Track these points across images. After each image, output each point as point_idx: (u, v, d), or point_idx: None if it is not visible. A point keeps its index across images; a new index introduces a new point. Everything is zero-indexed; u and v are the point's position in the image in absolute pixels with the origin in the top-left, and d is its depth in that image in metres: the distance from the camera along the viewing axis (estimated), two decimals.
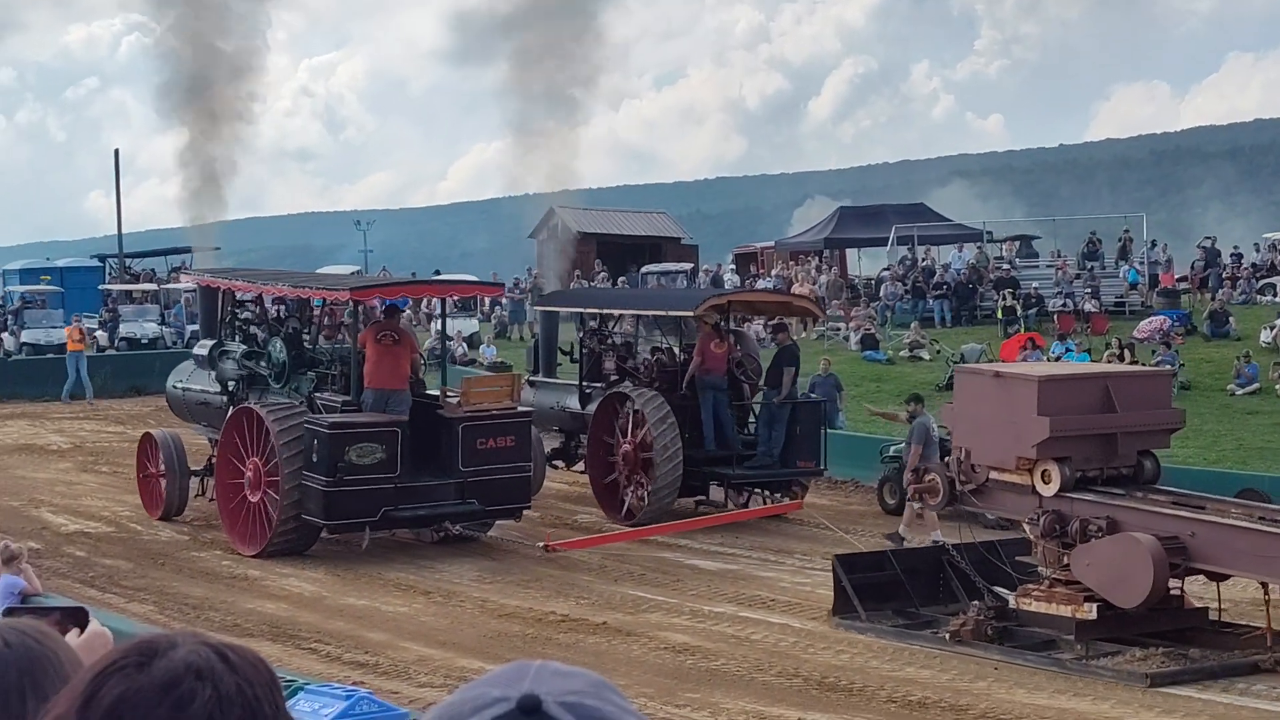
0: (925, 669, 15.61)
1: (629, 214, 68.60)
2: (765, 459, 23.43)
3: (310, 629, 17.32)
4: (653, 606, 18.33)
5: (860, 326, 42.83)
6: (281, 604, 18.61)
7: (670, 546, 21.77)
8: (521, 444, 21.23)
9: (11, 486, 26.67)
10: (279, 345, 22.51)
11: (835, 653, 16.25)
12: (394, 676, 15.40)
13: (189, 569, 20.54)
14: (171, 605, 18.52)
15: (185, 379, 25.13)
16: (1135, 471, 16.78)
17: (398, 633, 17.18)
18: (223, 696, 1.92)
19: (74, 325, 40.50)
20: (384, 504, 20.17)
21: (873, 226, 55.02)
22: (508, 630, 17.22)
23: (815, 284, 49.67)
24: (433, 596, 18.82)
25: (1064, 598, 16.10)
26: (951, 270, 48.88)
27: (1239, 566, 15.40)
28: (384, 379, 21.08)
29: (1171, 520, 15.66)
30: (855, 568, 17.80)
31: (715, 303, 24.56)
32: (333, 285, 23.05)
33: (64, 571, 20.21)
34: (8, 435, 33.42)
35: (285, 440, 20.18)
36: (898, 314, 46.49)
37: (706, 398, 23.43)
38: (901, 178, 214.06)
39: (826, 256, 54.85)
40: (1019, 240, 54.25)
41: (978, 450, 16.98)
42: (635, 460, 23.03)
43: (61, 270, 56.14)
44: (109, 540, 22.40)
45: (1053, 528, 16.19)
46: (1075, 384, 17.09)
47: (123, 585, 19.61)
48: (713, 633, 17.12)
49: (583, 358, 25.55)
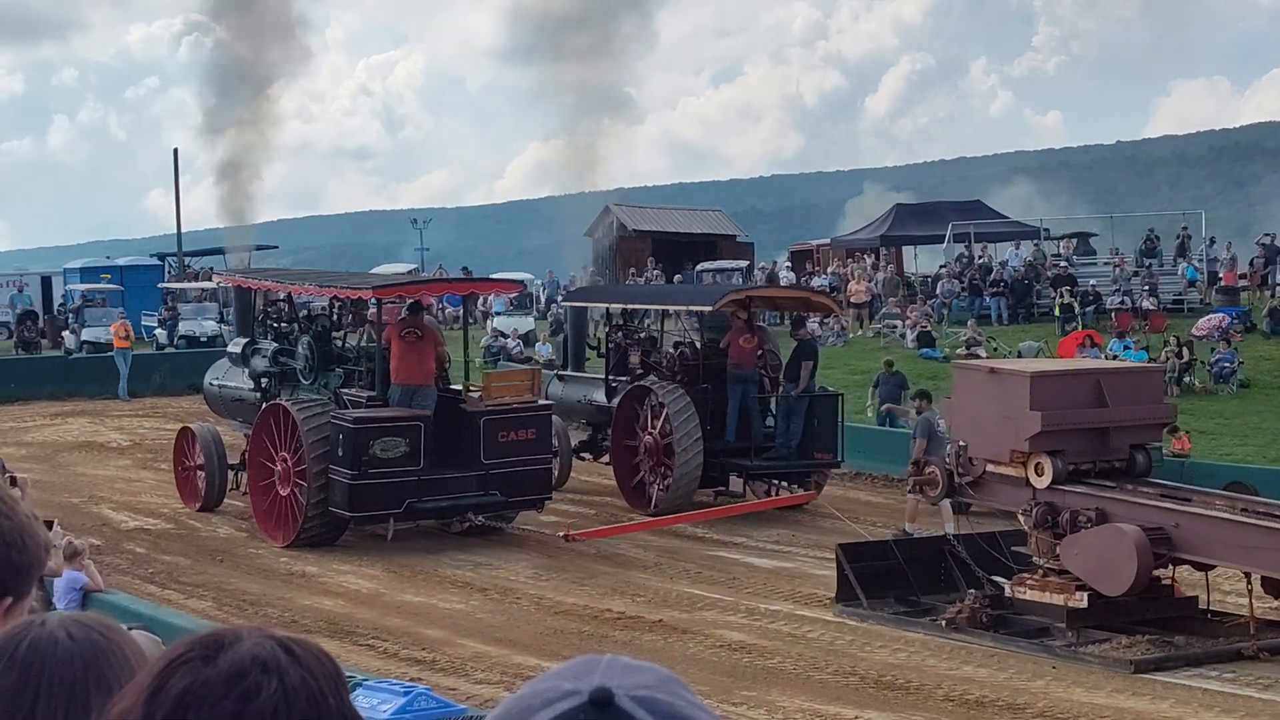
0: (983, 667, 15.61)
1: (684, 211, 68.64)
2: (783, 450, 24.09)
3: (368, 625, 17.44)
4: (709, 604, 18.36)
5: (916, 324, 42.73)
6: (339, 600, 18.75)
7: (726, 544, 21.84)
8: (542, 437, 21.98)
9: (72, 483, 26.97)
10: (308, 343, 23.36)
11: (892, 651, 16.25)
12: (451, 673, 15.49)
13: (246, 565, 20.72)
14: (229, 601, 18.70)
15: (221, 376, 26.13)
16: (1128, 464, 17.33)
17: (455, 629, 17.27)
18: (288, 689, 1.93)
19: (119, 323, 40.81)
20: (407, 496, 20.91)
21: (929, 224, 54.87)
22: (564, 627, 17.29)
23: (871, 281, 49.46)
24: (489, 593, 18.91)
25: (1057, 586, 16.70)
26: (1008, 267, 48.78)
27: (1219, 556, 16.01)
28: (409, 375, 21.78)
29: (1157, 512, 16.23)
30: (859, 556, 18.41)
31: (734, 298, 25.16)
32: (356, 285, 23.84)
33: (124, 568, 20.41)
34: (68, 433, 33.80)
35: (312, 435, 20.99)
36: (954, 311, 46.37)
37: (735, 391, 24.16)
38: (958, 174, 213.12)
39: (883, 254, 54.57)
40: (1076, 237, 54.05)
41: (974, 444, 17.59)
42: (658, 452, 23.68)
43: (121, 269, 56.71)
44: (168, 537, 22.62)
45: (1045, 519, 16.80)
46: (1067, 379, 17.73)
47: (181, 581, 19.81)
48: (769, 630, 17.15)
49: (608, 352, 26.43)
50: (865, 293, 48.75)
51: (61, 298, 55.57)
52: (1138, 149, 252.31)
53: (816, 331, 29.51)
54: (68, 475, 28.11)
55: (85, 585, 13.85)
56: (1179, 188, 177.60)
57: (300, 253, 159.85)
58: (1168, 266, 48.74)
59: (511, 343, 45.46)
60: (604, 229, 62.41)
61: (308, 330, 23.80)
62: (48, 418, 36.69)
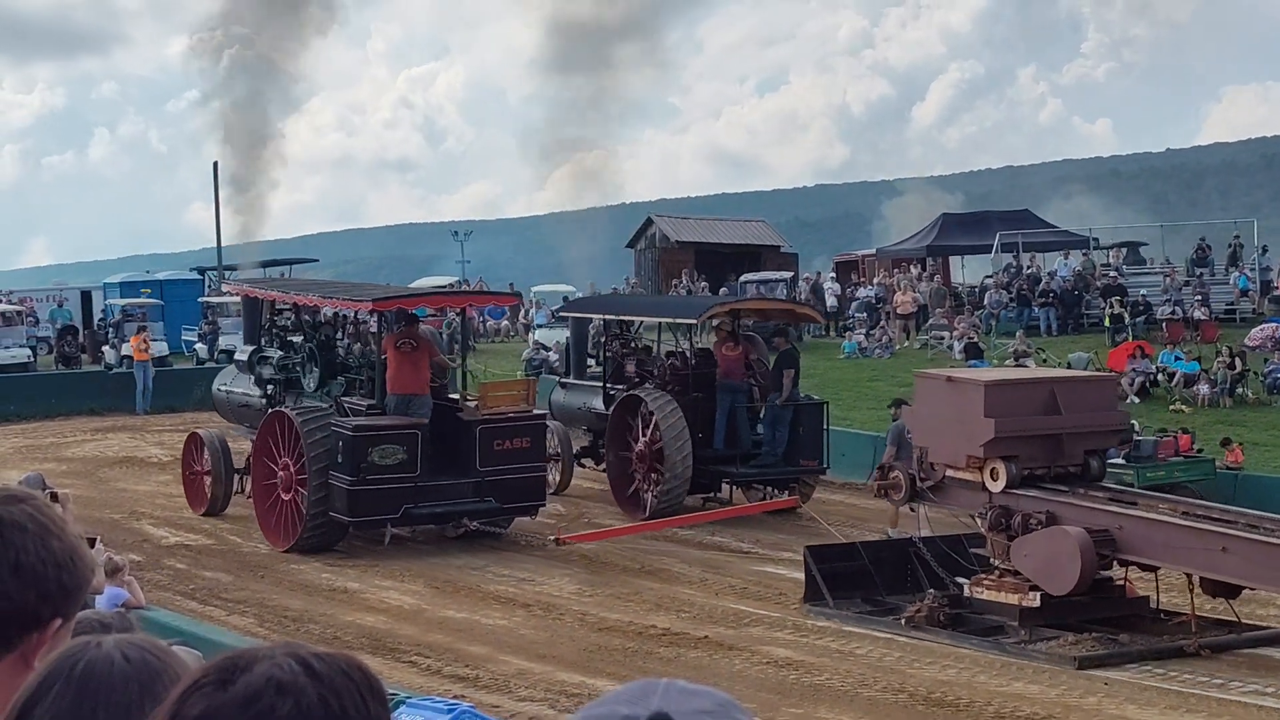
0: (1034, 684, 15.63)
1: (728, 222, 68.72)
2: (769, 458, 25.31)
3: (410, 642, 17.53)
4: (755, 620, 18.40)
5: (964, 335, 42.54)
6: (381, 616, 18.85)
7: (772, 560, 22.00)
8: (536, 445, 23.23)
9: (113, 499, 27.20)
10: (311, 351, 24.74)
11: (941, 667, 16.25)
12: (495, 690, 15.56)
13: (289, 581, 20.85)
14: (271, 618, 18.81)
15: (229, 382, 27.61)
16: (1082, 470, 18.45)
17: (498, 646, 17.35)
18: (303, 709, 1.95)
19: (140, 335, 41.29)
20: (405, 502, 22.08)
21: (977, 233, 54.77)
22: (608, 644, 17.32)
23: (917, 292, 49.32)
24: (532, 609, 18.98)
25: (1012, 586, 17.81)
26: (1057, 277, 48.54)
27: (1159, 557, 17.09)
28: (405, 384, 22.92)
29: (1103, 514, 17.34)
30: (826, 558, 19.49)
31: (716, 311, 26.83)
32: (358, 296, 25.07)
33: (165, 584, 20.57)
34: (109, 448, 34.06)
35: (313, 442, 22.21)
36: (1002, 322, 46.23)
37: (724, 400, 25.36)
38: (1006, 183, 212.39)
39: (929, 264, 54.41)
40: (1126, 247, 53.79)
41: (934, 449, 18.76)
42: (649, 459, 24.92)
43: (161, 283, 56.94)
44: (209, 553, 22.79)
45: (999, 521, 17.89)
46: (1021, 388, 18.92)
47: (223, 598, 19.95)
48: (816, 647, 17.18)
49: (606, 361, 27.92)
50: (912, 304, 48.61)
51: (101, 312, 55.85)
52: (1188, 157, 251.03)
53: (800, 340, 29.92)
54: (108, 491, 28.38)
55: (126, 602, 13.91)
56: (1231, 196, 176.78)
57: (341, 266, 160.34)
58: (1219, 276, 48.48)
59: (554, 355, 45.47)
60: (646, 240, 62.47)
61: (312, 339, 25.04)
62: (88, 433, 37.08)
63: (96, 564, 13.58)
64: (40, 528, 2.66)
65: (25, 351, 47.58)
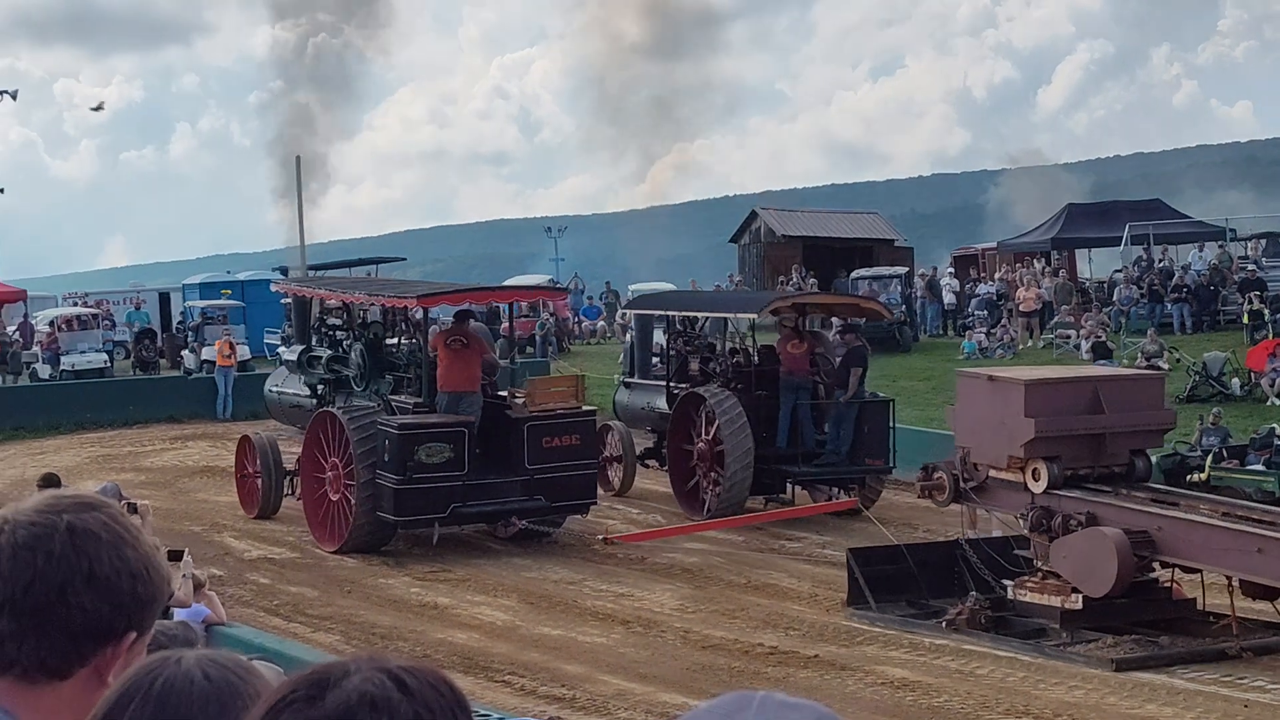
0: (1167, 705, 15.52)
1: (838, 215, 68.45)
2: (832, 457, 25.94)
3: (504, 660, 17.60)
4: (868, 638, 18.36)
5: (1092, 334, 42.13)
6: (473, 634, 18.94)
7: None
8: (586, 442, 23.97)
9: (193, 511, 27.51)
10: (360, 350, 25.60)
11: (1068, 689, 16.14)
12: (593, 711, 15.59)
13: (376, 597, 21.01)
14: (358, 635, 18.97)
15: (280, 383, 29.10)
16: (1127, 470, 19.00)
17: (596, 664, 17.37)
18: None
19: (223, 340, 41.66)
20: (452, 501, 22.90)
21: (1104, 225, 54.16)
22: (712, 663, 17.31)
23: (1041, 288, 48.94)
24: (632, 626, 19.00)
25: (1055, 589, 18.38)
26: (1191, 271, 48.03)
27: (1197, 558, 17.62)
28: (455, 382, 23.77)
29: (1142, 516, 17.89)
30: (870, 561, 20.11)
31: (778, 305, 27.57)
32: (403, 293, 25.86)
33: (247, 599, 20.75)
34: (189, 457, 34.34)
35: (359, 440, 23.12)
36: (1133, 320, 45.71)
37: (788, 398, 26.05)
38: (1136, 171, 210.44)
39: (1054, 258, 53.95)
40: (1266, 238, 53.05)
41: (976, 450, 19.38)
42: (710, 458, 25.60)
43: (242, 284, 57.29)
44: (293, 567, 22.97)
45: (1040, 522, 18.49)
46: (1063, 387, 19.39)
47: (308, 614, 20.11)
48: (934, 666, 17.09)
49: (669, 359, 28.68)
50: (1035, 300, 48.20)
51: (180, 315, 56.32)
52: None
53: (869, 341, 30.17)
54: (188, 502, 28.68)
55: (207, 618, 14.04)
56: None
57: (430, 265, 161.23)
58: None
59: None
60: (751, 235, 62.35)
61: (361, 338, 26.04)
62: (167, 441, 37.41)
63: (183, 576, 13.75)
64: (115, 537, 2.67)
65: (102, 356, 48.11)
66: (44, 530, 2.64)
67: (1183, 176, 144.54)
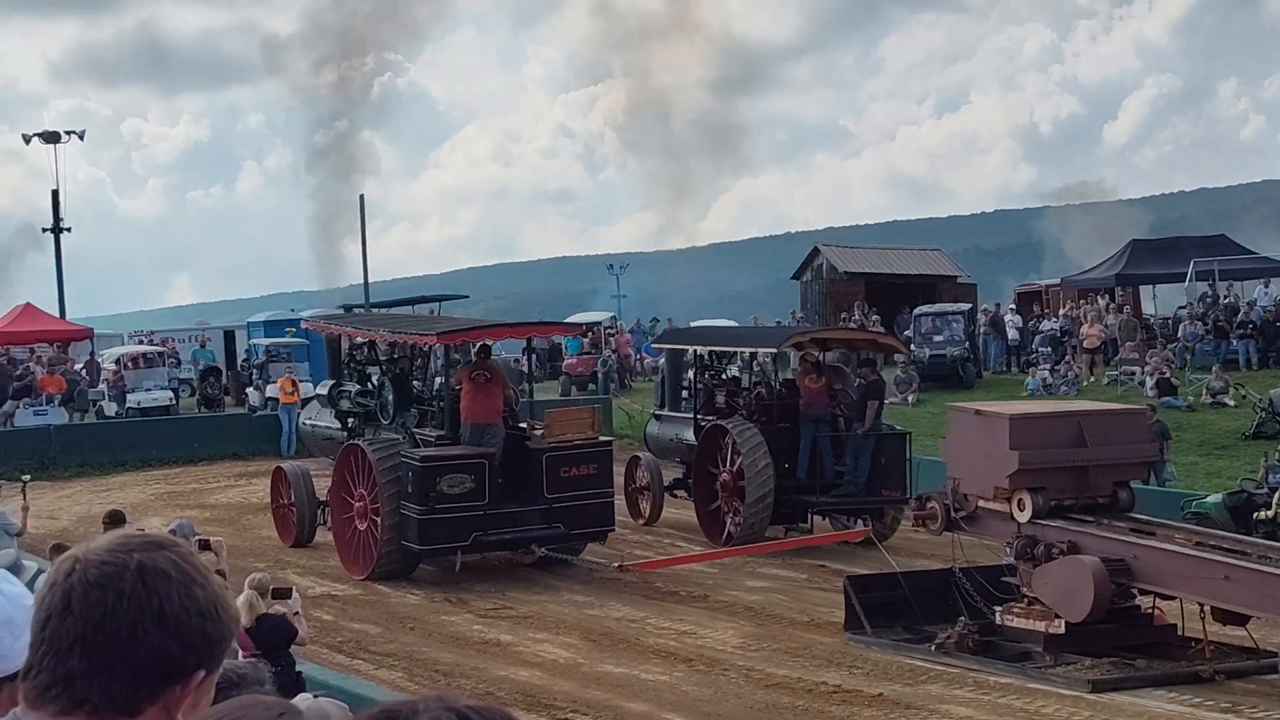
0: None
1: (900, 251, 68.48)
2: (850, 488, 27.00)
3: (566, 698, 17.67)
4: (933, 676, 18.39)
5: (1156, 371, 42.10)
6: (535, 671, 19.02)
7: None
8: (603, 471, 25.00)
9: (258, 547, 27.83)
10: (387, 385, 26.82)
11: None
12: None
13: (439, 633, 21.16)
14: (421, 671, 19.12)
15: (313, 416, 30.09)
16: (1111, 501, 19.97)
17: (659, 703, 17.45)
18: None
19: (286, 378, 42.10)
20: (474, 530, 23.97)
21: (1169, 260, 53.97)
22: (776, 701, 17.36)
23: (1105, 324, 48.80)
24: (695, 664, 19.07)
25: (1039, 614, 19.36)
26: (1258, 307, 47.76)
27: (1170, 586, 18.49)
28: (478, 414, 24.92)
29: (1120, 544, 18.82)
30: (867, 588, 21.12)
31: (797, 339, 29.00)
32: (425, 330, 26.91)
33: (311, 636, 20.80)
34: (253, 494, 34.58)
35: (384, 470, 24.18)
36: (1198, 356, 45.54)
37: (807, 431, 27.17)
38: (1201, 206, 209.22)
39: (1118, 294, 53.77)
40: None
41: (966, 481, 20.41)
42: (733, 488, 26.82)
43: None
44: (356, 603, 23.15)
45: (1025, 551, 19.45)
46: (1047, 421, 20.39)
47: (371, 651, 20.27)
48: (1000, 705, 17.11)
49: (696, 393, 29.82)
50: (1099, 336, 48.09)
51: (245, 352, 56.67)
52: None
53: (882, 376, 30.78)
54: (252, 539, 29.03)
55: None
56: None
57: (492, 301, 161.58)
58: None
59: None
60: (813, 271, 62.41)
61: (388, 373, 27.19)
62: (232, 478, 37.80)
63: (295, 611, 14.02)
64: (185, 576, 2.72)
65: (167, 394, 48.74)
66: (115, 569, 2.68)
67: (1249, 212, 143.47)
